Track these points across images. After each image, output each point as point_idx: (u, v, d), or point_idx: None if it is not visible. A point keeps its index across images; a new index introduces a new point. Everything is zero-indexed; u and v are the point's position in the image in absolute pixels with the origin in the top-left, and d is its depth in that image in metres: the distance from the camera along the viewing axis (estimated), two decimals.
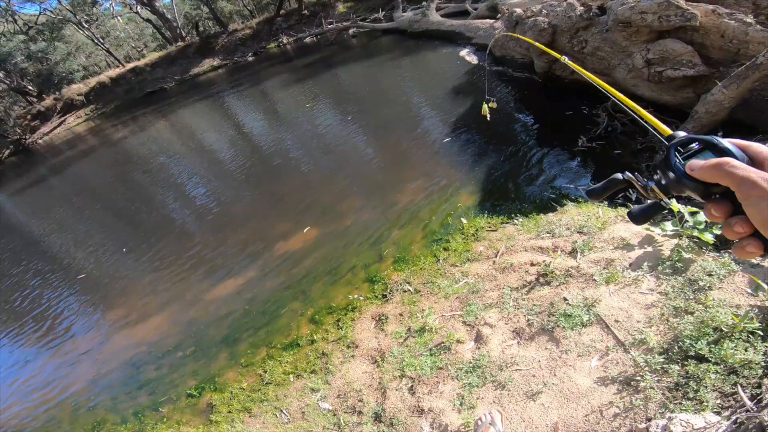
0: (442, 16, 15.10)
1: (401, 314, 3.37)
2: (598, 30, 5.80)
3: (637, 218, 0.64)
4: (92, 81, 24.23)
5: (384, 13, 20.68)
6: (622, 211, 3.03)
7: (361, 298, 3.71)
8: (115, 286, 5.63)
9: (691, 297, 2.34)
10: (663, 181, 0.53)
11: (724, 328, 2.16)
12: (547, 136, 5.53)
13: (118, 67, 26.38)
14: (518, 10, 7.69)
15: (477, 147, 5.85)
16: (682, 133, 0.54)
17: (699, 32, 4.74)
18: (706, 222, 2.54)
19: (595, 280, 2.56)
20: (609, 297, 2.49)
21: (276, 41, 23.52)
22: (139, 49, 35.03)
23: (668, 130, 0.62)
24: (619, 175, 0.63)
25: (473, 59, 10.06)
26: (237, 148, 9.42)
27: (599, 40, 5.74)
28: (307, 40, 22.25)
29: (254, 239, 5.35)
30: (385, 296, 3.59)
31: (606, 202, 3.15)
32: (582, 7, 6.21)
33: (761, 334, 2.10)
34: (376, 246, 4.31)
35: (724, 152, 0.46)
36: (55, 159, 17.19)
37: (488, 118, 4.96)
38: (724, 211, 0.45)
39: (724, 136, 0.48)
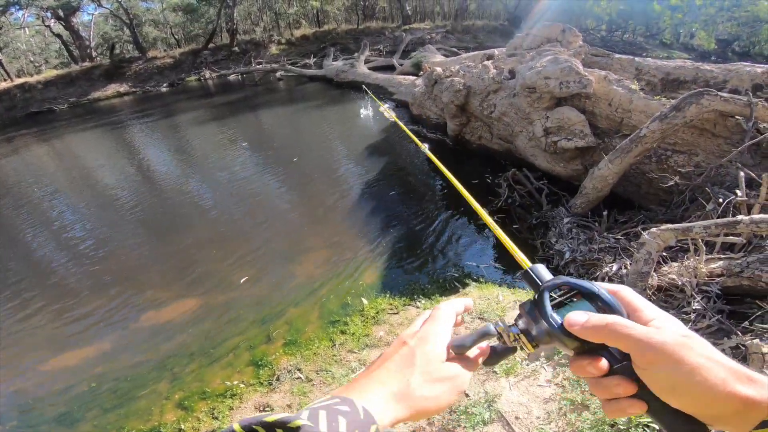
0: (369, 68, 15.70)
1: (289, 405, 2.92)
2: (506, 94, 6.14)
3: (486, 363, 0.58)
4: None
5: (315, 59, 21.09)
6: (520, 294, 2.95)
7: (243, 384, 3.16)
8: None
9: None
10: (533, 331, 0.47)
11: (621, 426, 2.06)
12: (454, 206, 5.59)
13: (5, 80, 22.72)
14: (438, 69, 8.08)
15: (387, 212, 5.74)
16: (541, 266, 0.51)
17: (591, 99, 5.11)
18: None
19: (495, 372, 2.35)
20: (509, 391, 2.28)
21: (197, 74, 22.38)
22: (36, 65, 30.87)
23: (527, 262, 0.56)
24: (491, 327, 0.53)
25: (392, 116, 10.34)
26: (130, 187, 8.17)
27: (506, 105, 6.07)
28: (231, 77, 21.56)
29: (120, 303, 4.37)
30: (271, 384, 3.09)
31: (505, 286, 3.09)
32: (495, 70, 6.61)
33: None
34: (265, 324, 3.75)
35: (607, 304, 0.42)
36: None
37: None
38: (604, 370, 0.40)
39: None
